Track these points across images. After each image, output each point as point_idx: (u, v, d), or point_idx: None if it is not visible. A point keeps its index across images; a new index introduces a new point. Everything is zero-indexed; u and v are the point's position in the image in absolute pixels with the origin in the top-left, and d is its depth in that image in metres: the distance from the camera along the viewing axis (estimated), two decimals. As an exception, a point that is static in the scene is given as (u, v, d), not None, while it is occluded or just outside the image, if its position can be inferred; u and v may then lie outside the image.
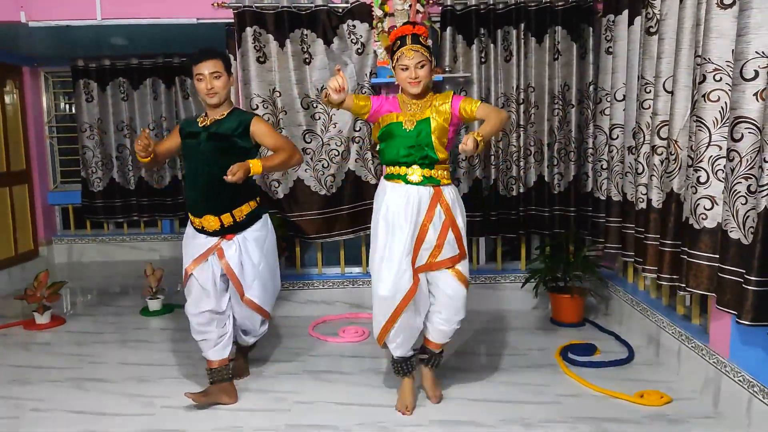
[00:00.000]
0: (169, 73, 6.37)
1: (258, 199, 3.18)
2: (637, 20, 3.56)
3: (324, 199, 4.43)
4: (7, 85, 5.94)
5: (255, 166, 2.92)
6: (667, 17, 3.13)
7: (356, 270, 4.72)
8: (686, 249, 2.87)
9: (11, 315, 4.70)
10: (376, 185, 4.36)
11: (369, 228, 4.43)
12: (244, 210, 3.07)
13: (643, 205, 3.39)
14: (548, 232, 4.48)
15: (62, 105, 6.80)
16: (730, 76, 2.62)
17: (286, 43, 4.26)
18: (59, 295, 4.60)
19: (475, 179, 4.39)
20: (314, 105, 4.36)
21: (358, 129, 4.37)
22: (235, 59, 4.34)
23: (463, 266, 2.94)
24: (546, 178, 4.42)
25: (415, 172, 2.84)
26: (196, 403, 3.05)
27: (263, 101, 4.29)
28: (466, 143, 2.52)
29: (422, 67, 2.78)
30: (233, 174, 2.80)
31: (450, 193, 2.91)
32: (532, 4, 4.27)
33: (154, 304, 4.70)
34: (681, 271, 2.95)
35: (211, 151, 3.01)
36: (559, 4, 4.27)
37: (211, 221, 3.03)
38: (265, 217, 3.22)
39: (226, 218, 3.03)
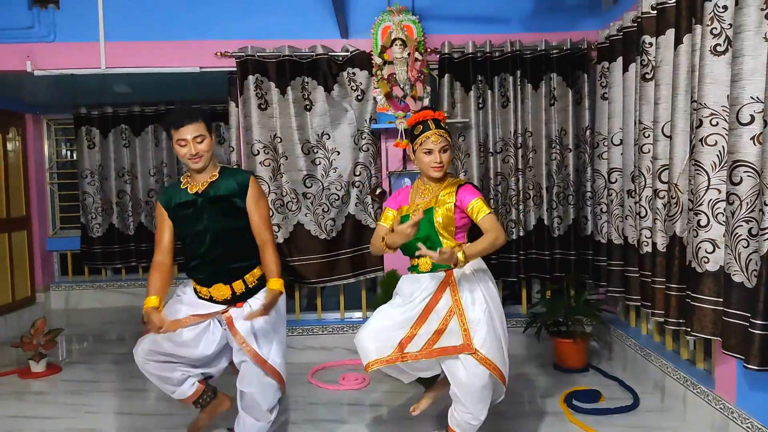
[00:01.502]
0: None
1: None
2: (632, 67, 3.62)
3: (324, 243, 4.43)
4: (10, 132, 6.00)
5: (277, 285, 2.73)
6: (662, 64, 3.19)
7: (356, 315, 4.68)
8: (690, 293, 2.86)
9: (6, 363, 4.63)
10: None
11: (369, 272, 4.47)
12: (255, 274, 2.85)
13: (648, 249, 3.38)
14: (549, 276, 4.46)
15: (64, 151, 6.86)
16: (726, 120, 2.65)
17: (287, 90, 4.33)
18: (55, 343, 4.54)
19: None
20: (315, 150, 4.40)
21: (358, 174, 4.40)
22: (237, 106, 4.41)
23: (490, 354, 2.65)
24: (545, 222, 4.43)
25: (424, 262, 2.76)
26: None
27: (264, 147, 4.33)
28: (444, 254, 2.40)
29: (445, 151, 2.74)
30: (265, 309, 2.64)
31: (465, 275, 2.72)
32: (528, 52, 4.36)
33: (152, 351, 4.64)
34: (686, 315, 2.93)
35: (215, 216, 2.78)
36: (554, 51, 4.36)
37: (222, 290, 2.81)
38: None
39: (238, 285, 2.81)
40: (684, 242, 3.03)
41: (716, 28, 2.67)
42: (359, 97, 4.37)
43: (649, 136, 3.36)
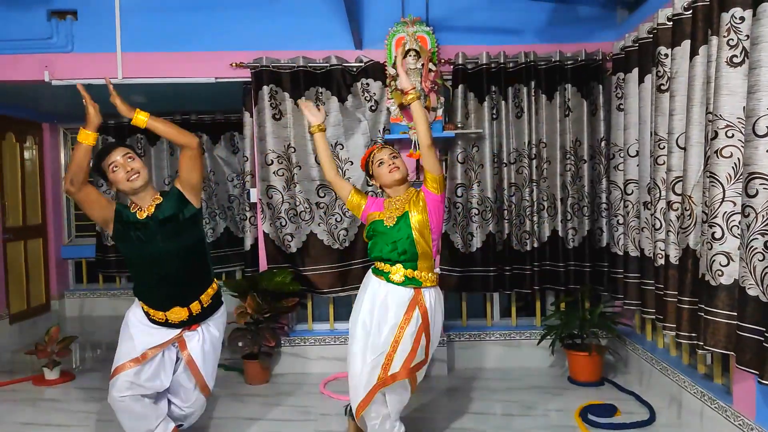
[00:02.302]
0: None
1: (215, 280, 3.00)
2: (648, 78, 3.60)
3: (337, 253, 4.43)
4: (27, 141, 6.09)
5: (139, 117, 2.78)
6: (677, 75, 3.17)
7: (368, 326, 4.66)
8: (703, 306, 2.82)
9: (21, 370, 4.66)
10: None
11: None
12: (209, 293, 2.92)
13: (662, 261, 3.35)
14: (563, 288, 4.43)
15: (80, 160, 6.92)
16: (742, 132, 2.63)
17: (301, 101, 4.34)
18: (69, 350, 4.57)
19: (488, 234, 4.38)
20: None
21: (371, 184, 4.40)
22: (252, 116, 4.44)
23: (420, 374, 2.98)
24: (560, 233, 4.40)
25: (398, 272, 2.88)
26: None
27: (278, 156, 4.35)
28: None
29: (395, 157, 2.95)
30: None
31: (430, 296, 2.93)
32: (542, 63, 4.35)
33: (165, 360, 4.65)
34: (700, 329, 2.88)
35: (169, 236, 2.80)
36: (569, 62, 4.34)
37: (179, 313, 2.83)
38: (222, 301, 3.05)
39: (195, 306, 2.85)
40: (697, 255, 2.99)
41: (733, 39, 2.64)
42: (373, 108, 4.38)
43: (664, 147, 3.34)
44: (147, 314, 2.88)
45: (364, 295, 2.96)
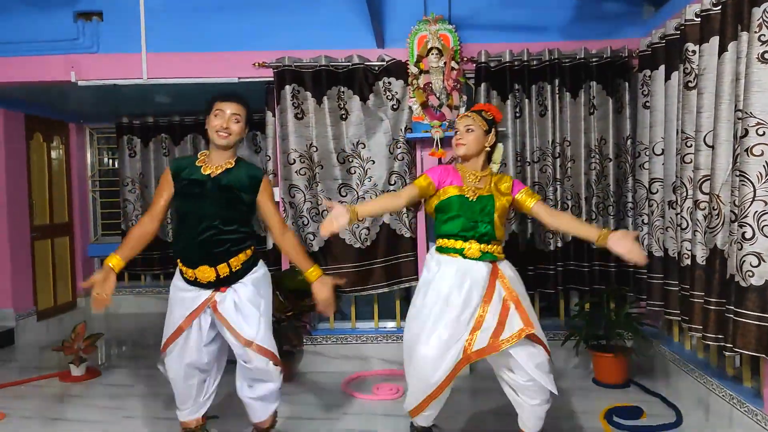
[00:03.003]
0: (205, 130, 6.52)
1: (252, 247, 2.97)
2: (674, 75, 3.54)
3: (358, 252, 4.43)
4: (54, 141, 6.19)
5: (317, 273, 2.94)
6: (705, 72, 3.11)
7: (390, 324, 4.66)
8: (732, 307, 2.76)
9: (48, 366, 4.73)
10: (411, 238, 4.40)
11: (403, 282, 4.44)
12: (240, 258, 2.87)
13: (688, 262, 3.29)
14: (588, 288, 4.37)
15: (106, 160, 7.03)
16: (774, 130, 2.57)
17: (323, 100, 4.35)
18: (95, 347, 4.64)
19: (511, 233, 4.34)
20: (350, 159, 4.41)
21: (393, 183, 4.39)
22: (274, 115, 4.45)
23: (538, 332, 2.71)
24: (584, 233, 4.34)
25: (473, 247, 2.76)
26: None
27: (300, 156, 4.36)
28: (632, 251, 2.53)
29: (470, 131, 2.80)
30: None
31: (508, 269, 2.84)
32: (567, 61, 4.30)
33: (188, 358, 4.69)
34: (727, 331, 2.82)
35: (218, 201, 2.82)
36: (594, 60, 4.29)
37: (206, 272, 2.83)
38: (262, 263, 3.01)
39: (223, 269, 2.83)
40: (725, 255, 2.93)
41: (764, 35, 2.59)
42: (395, 107, 4.37)
43: (691, 145, 3.28)
44: (181, 273, 2.92)
45: (435, 273, 2.79)
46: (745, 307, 2.69)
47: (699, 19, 3.18)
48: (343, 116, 4.39)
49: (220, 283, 2.86)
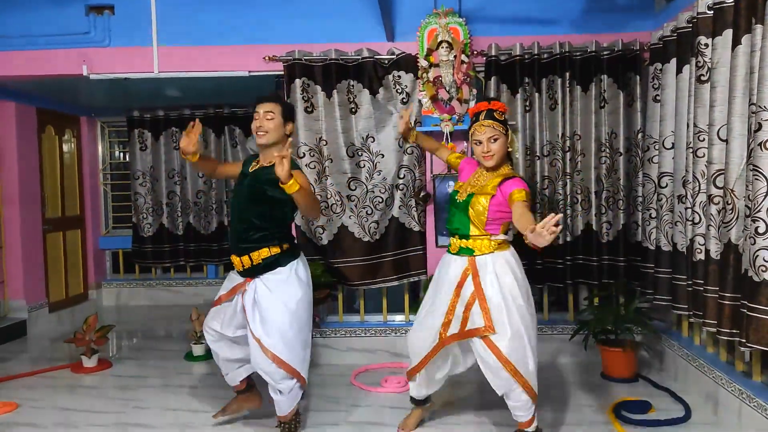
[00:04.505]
0: (219, 123, 6.56)
1: (285, 246, 3.06)
2: (686, 68, 3.52)
3: (368, 245, 4.43)
4: (66, 134, 6.23)
5: (294, 181, 2.80)
6: (718, 65, 3.09)
7: (399, 318, 4.67)
8: (746, 302, 2.75)
9: (60, 358, 4.79)
10: (420, 232, 4.42)
11: (412, 275, 4.46)
12: (262, 254, 3.00)
13: (702, 256, 3.27)
14: (597, 282, 4.36)
15: (117, 153, 7.07)
16: (787, 124, 2.54)
17: (333, 94, 4.35)
18: (107, 339, 4.68)
19: (520, 228, 4.33)
20: (359, 153, 4.41)
21: (402, 176, 4.39)
22: (283, 109, 4.45)
23: (498, 339, 2.79)
24: (594, 227, 4.34)
25: (454, 243, 3.00)
26: (224, 417, 3.37)
27: (310, 149, 4.36)
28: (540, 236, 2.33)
29: (495, 141, 2.88)
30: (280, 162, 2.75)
31: (484, 266, 2.87)
32: (577, 54, 4.28)
33: (198, 349, 4.73)
34: (741, 326, 2.81)
35: (247, 195, 3.06)
36: (605, 53, 4.26)
37: (235, 261, 3.09)
38: (291, 266, 3.07)
39: (245, 260, 3.03)
40: (739, 250, 2.91)
41: (778, 28, 2.56)
42: (404, 100, 4.36)
43: (704, 140, 3.25)
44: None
45: (436, 274, 3.11)
46: (758, 302, 2.67)
47: (712, 11, 3.15)
48: (353, 110, 4.40)
49: (245, 273, 3.08)
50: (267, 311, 2.99)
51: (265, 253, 3.01)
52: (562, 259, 4.35)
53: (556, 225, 2.28)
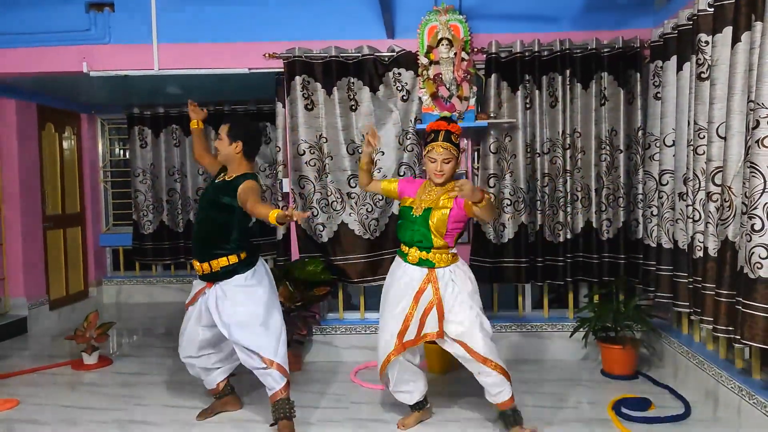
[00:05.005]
0: (220, 121, 6.50)
1: (242, 255, 3.22)
2: (686, 66, 3.52)
3: (367, 243, 4.44)
4: (66, 131, 6.23)
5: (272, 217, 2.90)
6: (718, 63, 3.09)
7: (399, 315, 4.67)
8: (741, 299, 2.75)
9: (60, 355, 4.79)
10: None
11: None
12: (221, 262, 3.20)
13: (700, 254, 3.28)
14: (597, 280, 4.37)
15: (117, 150, 7.07)
16: (787, 121, 2.55)
17: (333, 91, 4.35)
18: (107, 336, 4.68)
19: (520, 224, 4.34)
20: (359, 150, 4.41)
21: (402, 174, 4.40)
22: (284, 106, 4.46)
23: (473, 342, 3.05)
24: (594, 224, 4.34)
25: (413, 254, 3.11)
26: (204, 418, 3.47)
27: (310, 147, 4.37)
28: (462, 187, 2.72)
29: (447, 163, 3.06)
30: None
31: (446, 274, 3.09)
32: (578, 51, 4.28)
33: (199, 347, 4.73)
34: (736, 323, 2.82)
35: (206, 204, 3.33)
36: (605, 50, 4.26)
37: (197, 266, 3.28)
38: (248, 274, 3.24)
39: (205, 266, 3.23)
40: (736, 247, 2.92)
41: (778, 25, 2.56)
42: (404, 98, 4.36)
43: (703, 137, 3.26)
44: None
45: (390, 273, 3.26)
46: (752, 299, 2.68)
47: (712, 9, 3.15)
48: (353, 107, 4.40)
49: (205, 278, 3.28)
50: (225, 315, 3.21)
51: (224, 262, 3.20)
52: (562, 256, 4.35)
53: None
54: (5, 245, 5.46)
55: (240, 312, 3.19)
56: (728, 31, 3.00)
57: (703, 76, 3.26)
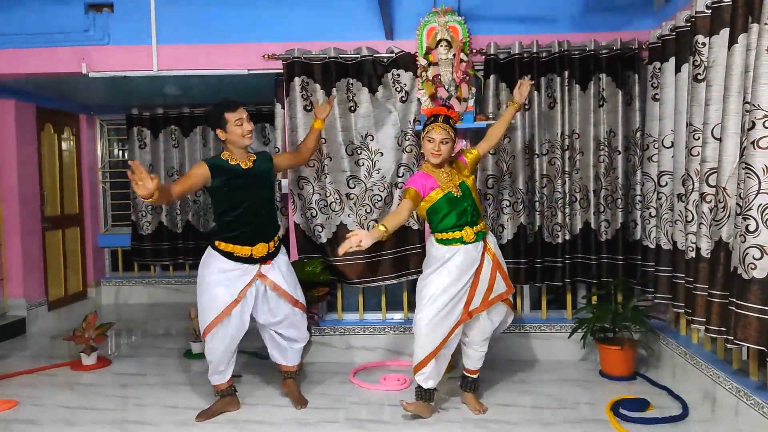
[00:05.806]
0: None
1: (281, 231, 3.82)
2: (684, 67, 3.53)
3: (367, 244, 4.43)
4: (65, 132, 6.23)
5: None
6: (715, 64, 3.10)
7: (398, 316, 4.68)
8: (734, 300, 2.76)
9: (59, 355, 4.79)
10: (419, 231, 4.42)
11: (411, 273, 4.45)
12: (277, 238, 3.58)
13: (693, 254, 3.29)
14: (595, 281, 4.38)
15: (116, 151, 7.07)
16: (783, 123, 2.56)
17: (332, 92, 4.36)
18: (106, 337, 4.69)
19: (519, 225, 4.34)
20: (358, 151, 4.42)
21: (401, 175, 4.40)
22: (283, 107, 4.46)
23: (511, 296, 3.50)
24: (592, 225, 4.35)
25: (468, 232, 3.28)
26: (204, 419, 3.48)
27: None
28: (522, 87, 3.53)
29: (445, 143, 3.24)
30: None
31: (491, 240, 3.44)
32: (576, 53, 4.29)
33: (197, 347, 4.73)
34: (729, 323, 2.83)
35: (260, 187, 3.47)
36: (603, 52, 4.27)
37: (261, 248, 3.45)
38: (284, 249, 3.72)
39: (272, 244, 3.51)
40: (729, 248, 2.93)
41: (775, 27, 2.57)
42: (403, 99, 4.37)
43: (698, 138, 3.27)
44: (230, 255, 3.41)
45: (443, 265, 3.29)
46: (746, 300, 2.69)
47: (710, 10, 3.16)
48: (352, 108, 4.40)
49: (269, 256, 3.50)
50: (291, 276, 3.63)
51: (276, 239, 3.56)
52: (560, 257, 4.36)
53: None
54: (4, 246, 5.46)
55: (293, 275, 3.66)
56: (725, 32, 3.01)
57: (699, 77, 3.28)
